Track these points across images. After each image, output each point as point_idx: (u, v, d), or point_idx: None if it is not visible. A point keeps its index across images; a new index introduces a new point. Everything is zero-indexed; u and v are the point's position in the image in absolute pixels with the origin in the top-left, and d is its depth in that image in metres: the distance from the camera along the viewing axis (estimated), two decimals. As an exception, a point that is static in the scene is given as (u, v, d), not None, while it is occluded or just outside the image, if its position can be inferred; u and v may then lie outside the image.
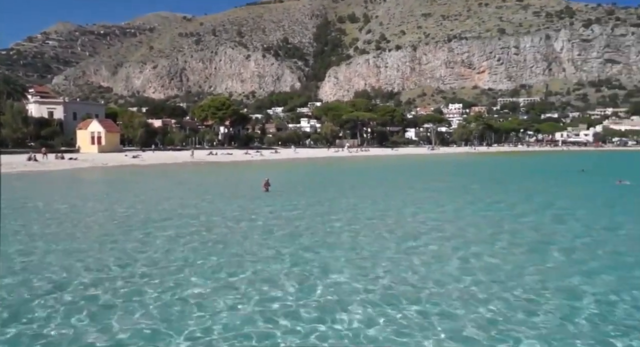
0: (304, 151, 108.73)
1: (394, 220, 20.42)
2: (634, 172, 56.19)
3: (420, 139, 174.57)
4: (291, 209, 23.48)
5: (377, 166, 68.26)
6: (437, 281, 11.41)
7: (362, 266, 12.87)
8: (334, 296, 10.34)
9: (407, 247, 15.05)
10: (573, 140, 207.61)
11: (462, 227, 18.39)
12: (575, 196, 31.04)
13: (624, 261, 13.36)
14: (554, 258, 13.72)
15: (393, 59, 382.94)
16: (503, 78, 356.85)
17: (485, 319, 9.14)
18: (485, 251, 14.36)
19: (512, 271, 12.39)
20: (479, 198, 28.56)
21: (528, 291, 10.82)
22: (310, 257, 13.90)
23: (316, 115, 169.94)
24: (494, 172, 56.80)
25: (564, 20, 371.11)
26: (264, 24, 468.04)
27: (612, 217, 21.34)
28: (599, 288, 10.88)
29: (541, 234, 17.25)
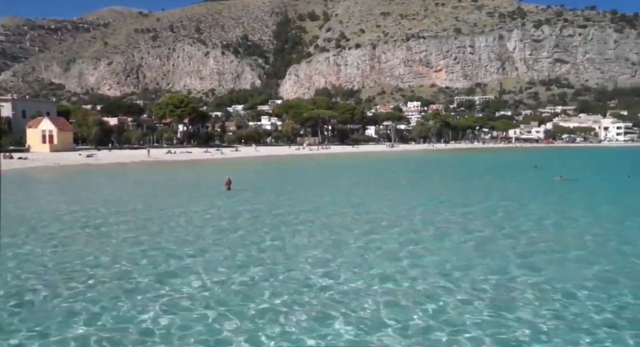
0: (265, 149, 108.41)
1: (349, 216, 21.06)
2: (578, 167, 59.27)
3: (380, 137, 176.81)
4: (250, 207, 23.63)
5: (337, 164, 68.96)
6: (385, 274, 12.02)
7: (315, 262, 13.29)
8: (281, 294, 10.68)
9: (367, 241, 15.70)
10: (525, 137, 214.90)
11: (414, 223, 19.19)
12: (521, 190, 32.86)
13: (561, 254, 14.31)
14: (492, 251, 14.53)
15: (353, 57, 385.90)
16: (459, 77, 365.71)
17: (426, 308, 9.77)
18: (428, 245, 15.21)
19: (443, 261, 13.29)
20: (431, 194, 29.67)
21: (467, 280, 11.56)
22: (261, 254, 14.22)
23: (277, 113, 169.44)
24: (451, 169, 58.47)
25: (516, 21, 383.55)
26: (223, 20, 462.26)
27: (551, 211, 22.55)
28: (534, 279, 11.68)
29: (484, 228, 18.20)
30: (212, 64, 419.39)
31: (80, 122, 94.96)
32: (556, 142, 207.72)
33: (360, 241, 15.71)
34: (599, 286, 11.21)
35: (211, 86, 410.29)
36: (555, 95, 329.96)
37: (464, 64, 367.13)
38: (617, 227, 18.75)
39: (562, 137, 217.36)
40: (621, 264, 13.18)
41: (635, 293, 10.70)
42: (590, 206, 24.73)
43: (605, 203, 25.78)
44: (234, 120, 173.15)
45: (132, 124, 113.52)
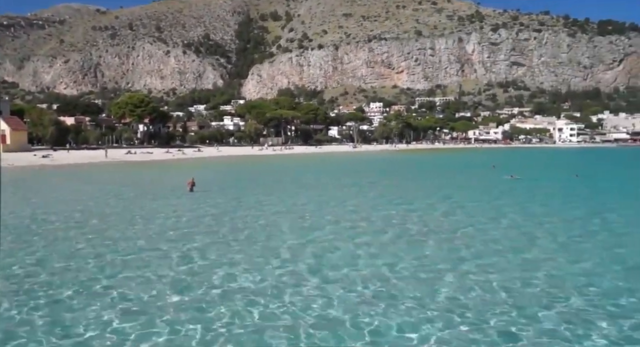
0: (228, 150, 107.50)
1: (305, 215, 21.64)
2: (531, 167, 61.71)
3: (343, 137, 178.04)
4: (213, 209, 23.60)
5: (299, 164, 69.20)
6: (329, 268, 12.72)
7: (272, 259, 13.79)
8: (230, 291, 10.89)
9: (307, 238, 16.31)
10: (484, 138, 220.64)
11: (356, 222, 19.90)
12: (474, 189, 34.17)
13: (497, 249, 15.22)
14: (431, 247, 15.42)
15: (315, 58, 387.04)
16: (420, 78, 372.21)
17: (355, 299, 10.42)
18: (373, 241, 16.00)
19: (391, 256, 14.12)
20: (388, 193, 30.65)
21: (404, 273, 12.44)
22: (226, 251, 14.37)
23: (239, 113, 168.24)
24: (410, 169, 59.70)
25: (475, 24, 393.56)
26: (184, 19, 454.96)
27: (496, 208, 23.87)
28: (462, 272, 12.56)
29: (432, 225, 19.22)
30: (173, 63, 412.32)
31: (35, 122, 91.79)
32: (513, 142, 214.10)
33: (297, 239, 16.28)
34: (506, 272, 12.45)
35: (172, 86, 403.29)
36: (512, 97, 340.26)
37: (425, 65, 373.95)
38: (547, 224, 19.70)
39: (519, 138, 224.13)
40: (537, 256, 14.23)
41: (526, 280, 11.81)
42: (531, 203, 26.04)
43: (547, 201, 27.19)
44: (195, 121, 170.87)
45: (90, 123, 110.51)
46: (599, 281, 11.87)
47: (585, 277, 12.21)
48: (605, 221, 20.54)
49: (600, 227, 19.16)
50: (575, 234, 17.73)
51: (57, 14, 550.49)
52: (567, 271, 12.81)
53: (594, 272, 12.64)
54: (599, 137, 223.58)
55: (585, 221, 20.47)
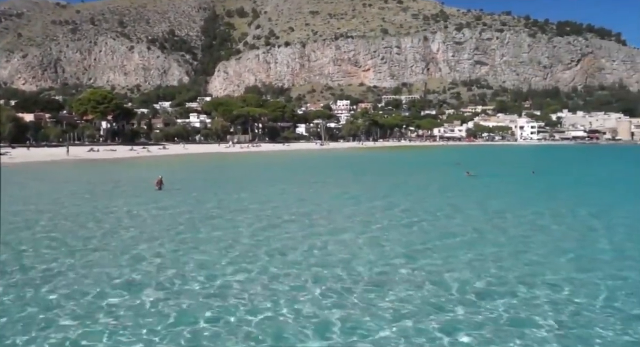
0: (194, 147, 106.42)
1: (266, 212, 21.89)
2: (492, 164, 63.76)
3: (311, 135, 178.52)
4: (182, 207, 23.64)
5: (266, 162, 69.28)
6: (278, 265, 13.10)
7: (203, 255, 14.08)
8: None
9: (262, 235, 16.72)
10: (449, 135, 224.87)
11: (316, 219, 20.33)
12: (429, 186, 35.29)
13: (447, 244, 15.95)
14: (382, 241, 16.11)
15: (283, 55, 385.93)
16: (387, 76, 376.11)
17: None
18: (330, 237, 16.52)
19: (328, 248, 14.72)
20: (349, 190, 31.51)
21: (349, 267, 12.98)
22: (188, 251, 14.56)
23: (206, 110, 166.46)
24: (375, 166, 60.62)
25: (439, 24, 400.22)
26: (148, 14, 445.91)
27: (447, 205, 24.85)
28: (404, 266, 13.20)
29: (381, 220, 19.88)
30: (137, 59, 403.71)
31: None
32: (477, 140, 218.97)
33: (257, 236, 16.67)
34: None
35: (136, 82, 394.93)
36: (475, 96, 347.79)
37: (391, 64, 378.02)
38: (498, 219, 20.66)
39: (483, 135, 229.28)
40: (483, 250, 15.02)
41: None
42: (483, 199, 27.22)
43: (498, 197, 28.47)
44: (161, 118, 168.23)
45: (50, 120, 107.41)
46: (541, 271, 12.62)
47: (528, 267, 13.00)
48: (546, 215, 21.56)
49: (539, 220, 20.18)
50: (512, 227, 18.68)
51: (14, 7, 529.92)
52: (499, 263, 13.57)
53: (534, 263, 13.41)
54: (558, 135, 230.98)
55: (528, 216, 21.40)
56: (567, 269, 12.77)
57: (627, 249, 15.11)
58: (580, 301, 10.40)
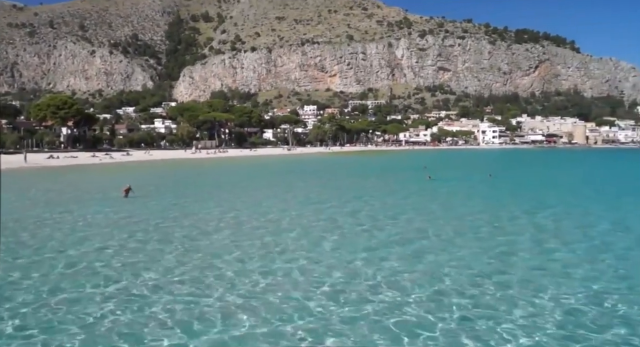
0: (159, 153, 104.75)
1: (228, 217, 22.26)
2: (453, 168, 65.56)
3: (278, 140, 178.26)
4: (143, 214, 23.51)
5: (233, 167, 69.05)
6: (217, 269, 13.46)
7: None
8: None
9: (221, 242, 16.96)
10: (414, 140, 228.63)
11: (274, 223, 20.76)
12: (390, 190, 36.31)
13: (386, 241, 16.88)
14: (330, 242, 16.89)
15: (249, 60, 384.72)
16: (353, 82, 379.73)
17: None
18: (277, 239, 17.22)
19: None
20: (308, 194, 32.34)
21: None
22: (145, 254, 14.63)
23: (171, 115, 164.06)
24: (342, 171, 61.26)
25: (403, 30, 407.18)
26: (110, 18, 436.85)
27: (400, 206, 25.91)
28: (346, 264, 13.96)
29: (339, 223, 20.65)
30: (98, 64, 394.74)
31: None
32: (441, 144, 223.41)
33: (222, 240, 17.11)
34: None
35: (98, 87, 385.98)
36: (439, 101, 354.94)
37: (357, 69, 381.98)
38: (456, 221, 21.62)
39: (447, 140, 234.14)
40: (420, 248, 16.08)
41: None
42: (433, 201, 28.49)
43: (453, 200, 29.70)
44: (124, 123, 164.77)
45: (6, 126, 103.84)
46: (470, 264, 13.64)
47: (458, 262, 14.03)
48: (493, 216, 22.68)
49: (485, 222, 21.21)
50: (460, 228, 19.55)
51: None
52: (443, 259, 14.50)
53: (467, 260, 14.31)
54: (518, 139, 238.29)
55: (475, 217, 22.47)
56: (489, 268, 13.55)
57: (545, 242, 16.54)
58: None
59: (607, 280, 12.41)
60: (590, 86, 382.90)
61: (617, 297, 11.02)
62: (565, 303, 10.65)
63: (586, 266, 13.72)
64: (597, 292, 11.45)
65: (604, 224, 20.78)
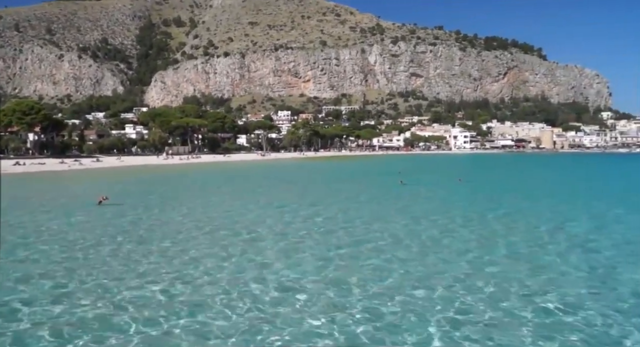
0: (131, 159, 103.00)
1: (188, 224, 22.39)
2: (424, 172, 66.50)
3: (252, 145, 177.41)
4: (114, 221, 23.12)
5: (206, 173, 68.42)
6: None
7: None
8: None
9: (178, 247, 17.00)
10: (387, 145, 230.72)
11: (240, 227, 20.92)
12: (364, 193, 36.94)
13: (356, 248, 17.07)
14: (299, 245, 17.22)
15: (222, 66, 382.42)
16: (326, 87, 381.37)
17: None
18: (230, 243, 17.50)
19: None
20: (277, 199, 32.21)
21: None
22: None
23: (143, 121, 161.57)
24: (314, 176, 61.39)
25: (376, 36, 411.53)
26: (79, 22, 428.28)
27: (373, 212, 26.16)
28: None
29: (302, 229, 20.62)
30: (67, 68, 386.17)
31: None
32: (414, 149, 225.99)
33: (171, 249, 16.97)
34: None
35: (67, 92, 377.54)
36: (412, 106, 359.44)
37: (330, 75, 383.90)
38: (414, 225, 22.00)
39: (419, 145, 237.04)
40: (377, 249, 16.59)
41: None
42: (406, 206, 28.86)
43: (421, 204, 30.27)
44: (94, 129, 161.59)
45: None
46: (441, 270, 13.92)
47: (403, 262, 14.65)
48: (458, 220, 23.17)
49: (450, 225, 21.77)
50: (424, 231, 20.08)
51: None
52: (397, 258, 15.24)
53: (434, 264, 14.77)
54: (489, 144, 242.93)
55: (436, 220, 22.97)
56: (463, 270, 13.89)
57: (521, 249, 16.87)
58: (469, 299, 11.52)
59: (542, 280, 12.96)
60: (556, 92, 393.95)
61: (550, 296, 11.62)
62: (498, 304, 11.04)
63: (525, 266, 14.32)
64: (530, 290, 12.04)
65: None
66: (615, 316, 10.30)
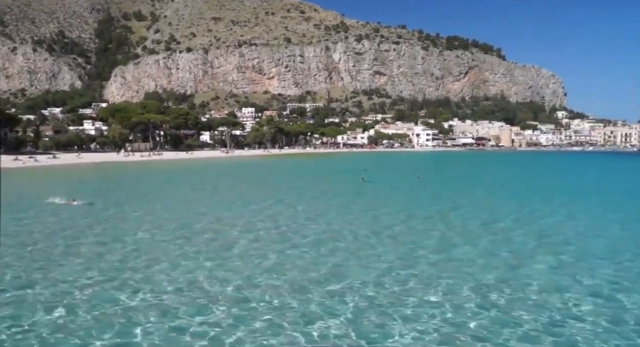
0: (90, 156, 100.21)
1: (147, 218, 22.75)
2: (387, 170, 67.55)
3: (216, 142, 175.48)
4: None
5: (167, 171, 67.43)
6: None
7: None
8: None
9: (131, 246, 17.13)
10: (352, 142, 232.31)
11: (198, 225, 21.19)
12: (323, 191, 37.42)
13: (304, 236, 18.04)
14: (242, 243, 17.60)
15: (184, 61, 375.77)
16: (291, 84, 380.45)
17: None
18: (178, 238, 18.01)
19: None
20: (235, 197, 32.43)
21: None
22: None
23: (102, 117, 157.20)
24: (278, 174, 61.39)
25: (340, 34, 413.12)
26: (33, 14, 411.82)
27: (324, 208, 26.89)
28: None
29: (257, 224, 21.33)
30: (21, 62, 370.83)
31: None
32: (378, 147, 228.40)
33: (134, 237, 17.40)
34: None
35: (21, 86, 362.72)
36: (376, 104, 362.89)
37: (295, 72, 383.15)
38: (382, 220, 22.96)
39: (383, 142, 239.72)
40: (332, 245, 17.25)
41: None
42: (361, 202, 29.83)
43: (379, 201, 30.94)
44: (50, 125, 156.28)
45: None
46: (373, 265, 14.57)
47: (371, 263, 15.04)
48: (404, 217, 24.05)
49: (388, 220, 22.73)
50: (375, 227, 20.86)
51: None
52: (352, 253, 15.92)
53: (372, 255, 15.64)
54: (450, 142, 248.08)
55: (379, 216, 23.95)
56: (394, 265, 14.62)
57: (453, 241, 17.97)
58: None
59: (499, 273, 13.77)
60: (515, 92, 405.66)
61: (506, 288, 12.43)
62: (455, 300, 11.63)
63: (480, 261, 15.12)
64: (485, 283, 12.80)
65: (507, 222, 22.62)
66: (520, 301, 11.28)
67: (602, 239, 18.52)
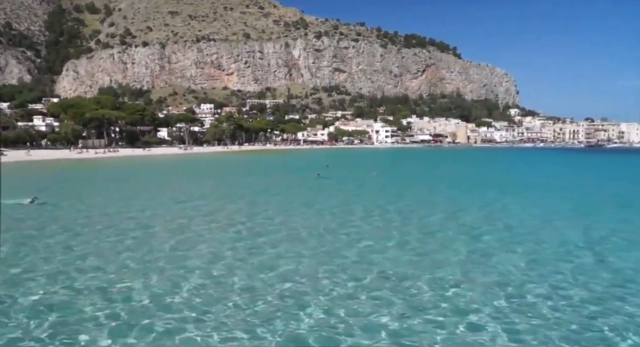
0: (41, 153, 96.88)
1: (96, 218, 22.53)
2: (344, 166, 68.71)
3: (174, 139, 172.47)
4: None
5: (122, 168, 66.30)
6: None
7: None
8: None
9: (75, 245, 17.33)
10: (312, 139, 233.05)
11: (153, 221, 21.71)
12: (278, 187, 38.33)
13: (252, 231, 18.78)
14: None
15: (140, 56, 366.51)
16: (250, 80, 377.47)
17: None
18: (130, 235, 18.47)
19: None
20: (183, 194, 32.45)
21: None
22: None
23: (53, 113, 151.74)
24: (237, 171, 61.43)
25: (300, 31, 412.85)
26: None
27: (267, 205, 27.61)
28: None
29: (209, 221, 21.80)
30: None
31: None
32: (338, 143, 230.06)
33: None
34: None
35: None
36: (335, 101, 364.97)
37: (255, 68, 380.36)
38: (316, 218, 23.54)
39: (343, 139, 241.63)
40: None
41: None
42: (314, 198, 30.54)
43: (331, 197, 31.82)
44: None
45: None
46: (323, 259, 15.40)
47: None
48: (352, 213, 24.88)
49: (344, 217, 23.50)
50: (325, 222, 21.71)
51: None
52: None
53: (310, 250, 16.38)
54: (409, 139, 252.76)
55: (336, 213, 24.65)
56: (349, 259, 15.41)
57: (409, 237, 18.72)
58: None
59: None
60: (470, 90, 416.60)
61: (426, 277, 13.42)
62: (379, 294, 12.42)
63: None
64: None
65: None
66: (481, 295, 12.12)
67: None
